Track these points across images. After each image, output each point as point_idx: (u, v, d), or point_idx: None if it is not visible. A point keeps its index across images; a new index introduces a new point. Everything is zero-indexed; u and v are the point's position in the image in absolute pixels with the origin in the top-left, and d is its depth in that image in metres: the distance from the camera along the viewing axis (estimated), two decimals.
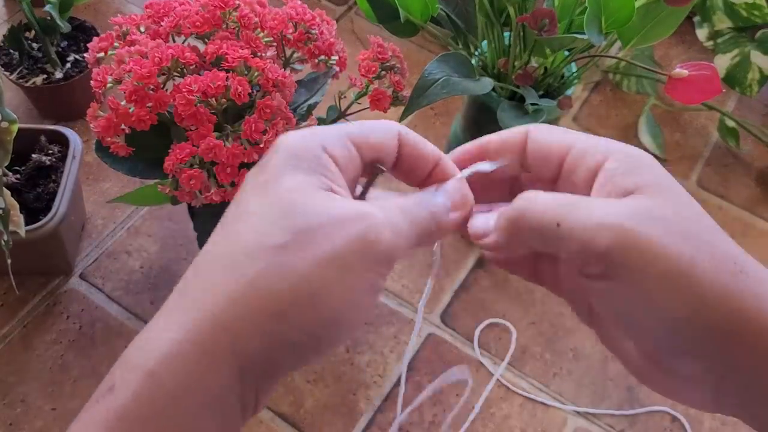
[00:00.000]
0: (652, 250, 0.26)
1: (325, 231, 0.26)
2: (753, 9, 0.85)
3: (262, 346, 0.26)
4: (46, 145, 0.73)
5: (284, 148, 0.29)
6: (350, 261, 0.26)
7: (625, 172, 0.29)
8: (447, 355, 0.72)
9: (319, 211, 0.27)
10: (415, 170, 0.32)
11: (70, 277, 0.75)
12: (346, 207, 0.27)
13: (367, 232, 0.26)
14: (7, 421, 0.65)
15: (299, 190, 0.27)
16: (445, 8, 0.63)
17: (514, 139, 0.33)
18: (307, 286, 0.26)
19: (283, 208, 0.27)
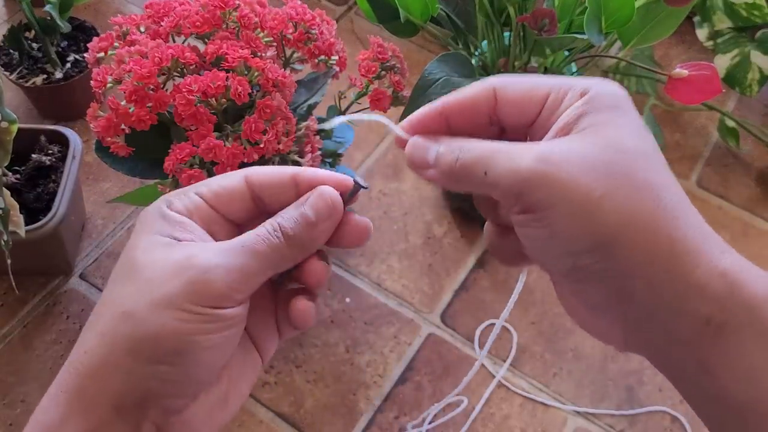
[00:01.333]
0: (561, 187, 0.28)
1: (161, 280, 0.30)
2: (753, 9, 0.85)
3: (127, 383, 0.30)
4: (46, 145, 0.73)
5: (138, 220, 0.33)
6: (181, 302, 0.30)
7: (582, 113, 0.30)
8: (447, 355, 0.72)
9: (156, 263, 0.31)
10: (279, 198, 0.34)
11: (70, 277, 0.75)
12: (179, 256, 0.30)
13: (196, 277, 0.30)
14: (7, 421, 0.65)
15: (142, 249, 0.31)
16: (445, 8, 0.63)
17: (479, 100, 0.33)
18: (146, 328, 0.30)
19: (128, 269, 0.31)
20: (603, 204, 0.28)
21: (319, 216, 0.33)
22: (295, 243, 0.32)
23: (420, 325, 0.74)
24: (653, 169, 0.29)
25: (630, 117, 0.31)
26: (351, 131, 0.65)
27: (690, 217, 0.29)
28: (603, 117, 0.30)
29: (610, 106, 0.30)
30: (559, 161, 0.29)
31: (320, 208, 0.33)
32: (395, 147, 0.89)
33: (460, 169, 0.31)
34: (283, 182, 0.33)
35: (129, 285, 0.31)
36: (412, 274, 0.78)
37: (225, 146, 0.51)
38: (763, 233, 0.85)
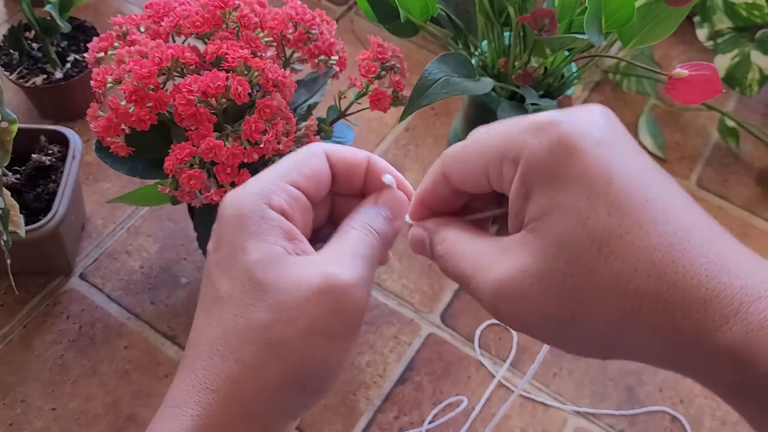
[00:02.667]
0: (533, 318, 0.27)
1: (301, 306, 0.29)
2: (753, 9, 0.85)
3: (274, 414, 0.30)
4: (46, 145, 0.73)
5: (228, 215, 0.31)
6: (331, 330, 0.29)
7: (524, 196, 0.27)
8: (447, 355, 0.72)
9: (290, 285, 0.29)
10: (351, 180, 0.34)
11: (70, 277, 0.75)
12: (311, 275, 0.29)
13: (340, 303, 0.29)
14: (7, 421, 0.65)
15: (259, 265, 0.29)
16: (445, 8, 0.63)
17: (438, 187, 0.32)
18: (297, 359, 0.29)
19: (253, 286, 0.29)
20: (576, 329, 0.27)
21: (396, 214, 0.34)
22: (386, 242, 0.33)
23: (420, 325, 0.74)
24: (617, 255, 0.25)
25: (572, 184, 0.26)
26: (351, 131, 0.65)
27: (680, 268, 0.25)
28: (543, 200, 0.26)
29: (547, 178, 0.26)
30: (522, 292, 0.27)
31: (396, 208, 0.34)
32: (395, 147, 0.89)
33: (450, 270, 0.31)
34: (359, 165, 0.34)
35: (262, 309, 0.29)
36: (412, 274, 0.78)
37: (225, 146, 0.51)
38: (763, 233, 0.85)
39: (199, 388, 0.29)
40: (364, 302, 0.30)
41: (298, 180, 0.32)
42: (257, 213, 0.30)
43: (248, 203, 0.30)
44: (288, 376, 0.29)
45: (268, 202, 0.31)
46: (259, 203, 0.30)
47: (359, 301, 0.30)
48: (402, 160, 0.86)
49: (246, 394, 0.29)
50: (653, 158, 0.29)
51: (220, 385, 0.29)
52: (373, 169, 0.34)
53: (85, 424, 0.66)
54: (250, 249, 0.30)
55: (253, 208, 0.30)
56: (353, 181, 0.34)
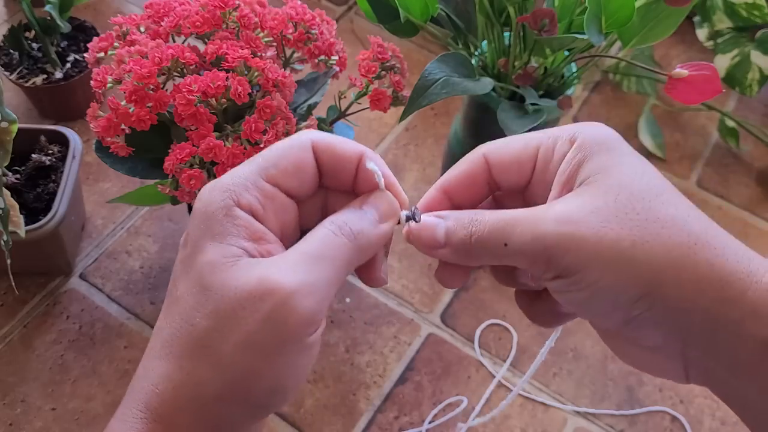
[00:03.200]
0: (590, 245, 0.28)
1: (237, 314, 0.27)
2: (753, 9, 0.85)
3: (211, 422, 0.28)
4: (46, 145, 0.73)
5: (198, 212, 0.29)
6: (265, 342, 0.27)
7: (579, 161, 0.30)
8: (447, 355, 0.72)
9: (229, 291, 0.27)
10: (339, 175, 0.32)
11: (70, 277, 0.75)
12: (251, 281, 0.27)
13: (275, 313, 0.27)
14: (7, 421, 0.65)
15: (209, 267, 0.28)
16: (445, 8, 0.63)
17: (474, 170, 0.33)
18: (234, 373, 0.27)
19: (199, 290, 0.28)
20: (636, 252, 0.27)
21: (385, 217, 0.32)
22: (365, 247, 0.30)
23: (420, 325, 0.74)
24: (672, 203, 0.29)
25: (627, 155, 0.30)
26: (351, 131, 0.65)
27: (723, 240, 0.29)
28: (601, 162, 0.29)
29: (603, 148, 0.30)
30: (580, 219, 0.28)
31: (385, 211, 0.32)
32: (395, 147, 0.89)
33: (476, 243, 0.30)
34: (348, 160, 0.32)
35: (203, 316, 0.28)
36: (412, 274, 0.78)
37: (225, 146, 0.51)
38: (763, 233, 0.85)
39: (147, 390, 0.29)
40: (308, 312, 0.27)
41: (275, 176, 0.30)
42: (222, 211, 0.29)
43: (216, 200, 0.29)
44: (226, 389, 0.27)
45: (237, 201, 0.29)
46: (227, 200, 0.29)
47: (300, 310, 0.27)
48: (402, 160, 0.87)
49: (186, 403, 0.28)
50: (653, 158, 0.32)
51: (164, 389, 0.28)
52: (363, 171, 0.32)
53: (85, 424, 0.66)
54: (208, 249, 0.28)
55: (220, 205, 0.29)
56: (341, 177, 0.32)
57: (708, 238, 0.28)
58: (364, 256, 0.31)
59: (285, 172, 0.30)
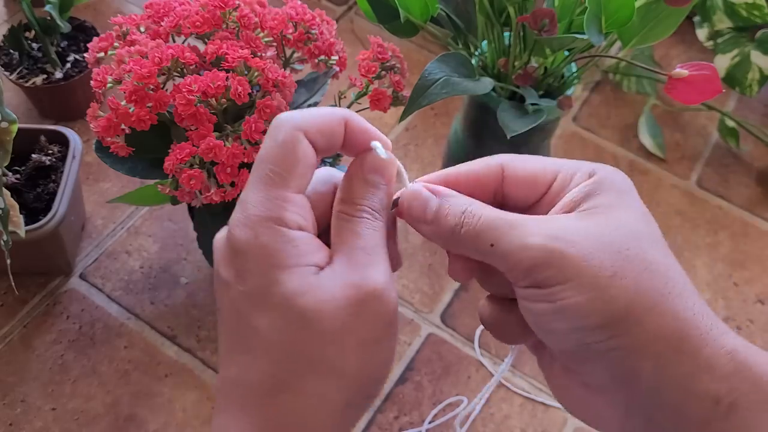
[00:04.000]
0: (573, 264, 0.28)
1: (344, 325, 0.28)
2: (753, 9, 0.85)
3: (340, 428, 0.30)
4: (46, 145, 0.73)
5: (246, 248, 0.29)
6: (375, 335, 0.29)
7: (590, 192, 0.31)
8: (447, 355, 0.72)
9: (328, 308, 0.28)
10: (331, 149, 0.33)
11: (70, 277, 0.75)
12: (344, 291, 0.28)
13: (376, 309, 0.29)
14: (7, 421, 0.65)
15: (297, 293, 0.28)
16: (445, 8, 0.63)
17: (487, 176, 0.33)
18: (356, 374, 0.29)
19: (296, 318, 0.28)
20: (614, 282, 0.28)
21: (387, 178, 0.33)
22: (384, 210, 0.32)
23: (420, 325, 0.74)
24: (660, 252, 0.30)
25: (636, 202, 0.31)
26: None
27: (694, 299, 0.29)
28: (611, 199, 0.30)
29: (617, 189, 0.31)
30: (573, 240, 0.29)
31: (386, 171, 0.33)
32: (395, 147, 0.89)
33: (464, 235, 0.31)
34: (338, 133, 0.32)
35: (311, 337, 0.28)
36: (412, 274, 0.78)
37: (225, 146, 0.51)
38: (763, 233, 0.85)
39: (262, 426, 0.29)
40: (394, 297, 0.30)
41: (298, 184, 0.30)
42: (279, 238, 0.28)
43: (264, 230, 0.28)
44: (352, 392, 0.29)
45: (284, 223, 0.29)
46: (277, 228, 0.29)
47: (391, 299, 0.30)
48: (402, 160, 0.86)
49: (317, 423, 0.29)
50: (653, 158, 0.32)
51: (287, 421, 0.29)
52: (353, 129, 0.32)
53: (85, 424, 0.66)
54: (284, 279, 0.28)
55: (272, 234, 0.28)
56: (333, 148, 0.32)
57: (683, 292, 0.29)
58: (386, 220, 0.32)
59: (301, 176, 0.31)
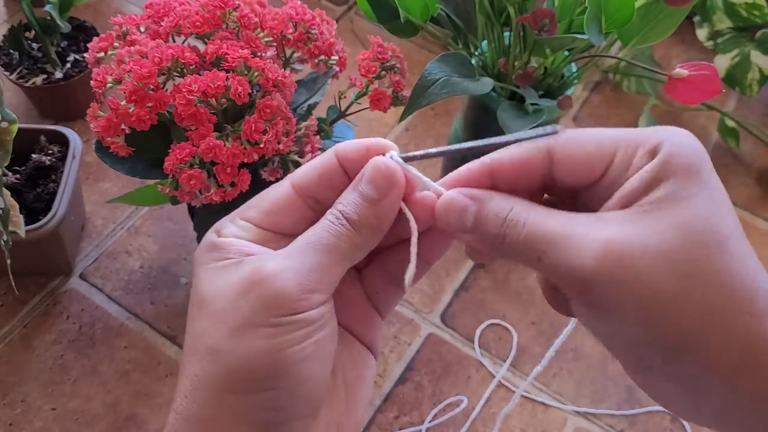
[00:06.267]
0: (630, 287, 0.25)
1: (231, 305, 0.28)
2: (753, 9, 0.85)
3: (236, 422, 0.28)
4: (46, 145, 0.73)
5: (194, 258, 0.31)
6: (257, 320, 0.27)
7: (654, 181, 0.27)
8: (447, 355, 0.72)
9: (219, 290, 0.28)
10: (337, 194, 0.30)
11: (70, 277, 0.75)
12: (241, 274, 0.28)
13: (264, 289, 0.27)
14: (7, 421, 0.65)
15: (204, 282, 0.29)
16: (445, 8, 0.63)
17: (533, 162, 0.29)
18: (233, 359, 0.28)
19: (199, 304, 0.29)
20: (675, 306, 0.25)
21: (381, 190, 0.29)
22: (363, 227, 0.29)
23: (420, 325, 0.74)
24: (734, 253, 0.26)
25: (706, 184, 0.27)
26: (351, 131, 0.65)
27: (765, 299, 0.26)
28: (680, 188, 0.26)
29: (688, 171, 0.27)
30: (630, 256, 0.25)
31: (379, 181, 0.29)
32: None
33: (507, 247, 0.28)
34: (330, 169, 0.30)
35: (203, 320, 0.29)
36: None
37: (225, 146, 0.51)
38: (763, 233, 0.85)
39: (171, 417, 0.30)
40: (296, 290, 0.27)
41: (249, 215, 0.31)
42: (208, 243, 0.30)
43: (203, 241, 0.31)
44: (229, 377, 0.28)
45: (218, 234, 0.31)
46: (209, 236, 0.31)
47: (287, 289, 0.27)
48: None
49: (198, 409, 0.28)
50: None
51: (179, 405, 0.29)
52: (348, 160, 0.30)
53: (85, 424, 0.66)
54: (200, 274, 0.30)
55: (204, 241, 0.31)
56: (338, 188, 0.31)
57: (755, 299, 0.25)
58: (373, 235, 0.30)
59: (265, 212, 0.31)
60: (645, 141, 0.27)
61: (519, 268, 0.78)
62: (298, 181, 0.30)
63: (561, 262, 0.26)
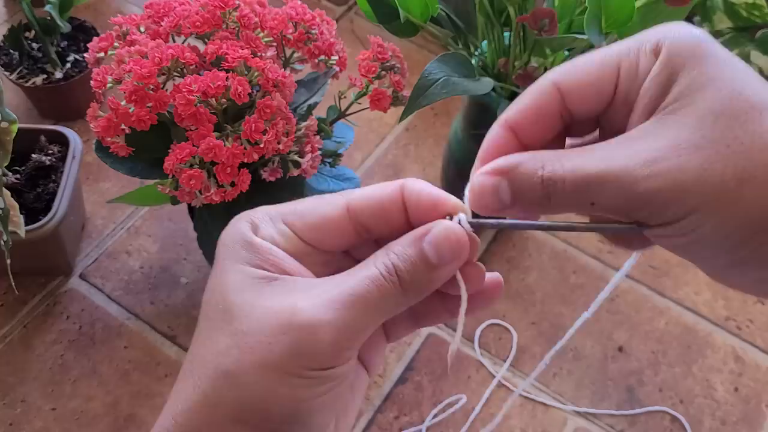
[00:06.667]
0: (691, 191, 0.24)
1: (263, 336, 0.26)
2: (753, 9, 0.85)
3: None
4: (46, 145, 0.73)
5: (222, 239, 0.29)
6: (289, 366, 0.26)
7: (667, 80, 0.26)
8: (447, 355, 0.72)
9: (252, 310, 0.26)
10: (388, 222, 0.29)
11: (70, 277, 0.75)
12: (280, 308, 0.26)
13: (302, 339, 0.26)
14: (7, 421, 0.65)
15: (233, 287, 0.27)
16: (445, 8, 0.63)
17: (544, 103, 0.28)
18: (252, 394, 0.26)
19: (224, 309, 0.27)
20: (742, 192, 0.24)
21: (443, 259, 0.27)
22: (411, 288, 0.27)
23: None
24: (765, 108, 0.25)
25: (722, 63, 0.26)
26: (351, 131, 0.65)
27: None
28: (693, 78, 0.25)
29: (694, 59, 0.26)
30: (677, 166, 0.24)
31: (445, 250, 0.27)
32: (395, 147, 0.89)
33: (555, 203, 0.27)
34: (392, 203, 0.29)
35: (227, 336, 0.27)
36: None
37: (225, 146, 0.51)
38: None
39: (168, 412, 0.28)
40: (333, 349, 0.26)
41: (293, 222, 0.29)
42: (241, 237, 0.28)
43: (235, 229, 0.29)
44: (243, 408, 0.26)
45: (255, 230, 0.28)
46: (243, 229, 0.28)
47: (324, 347, 0.26)
48: (402, 160, 0.86)
49: (201, 425, 0.27)
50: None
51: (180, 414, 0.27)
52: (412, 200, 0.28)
53: (85, 424, 0.66)
54: (228, 271, 0.28)
55: (237, 232, 0.28)
56: (391, 223, 0.29)
57: None
58: (417, 297, 0.28)
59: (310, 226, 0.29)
60: (644, 44, 0.27)
61: (519, 268, 0.78)
62: (355, 205, 0.29)
63: (617, 199, 0.25)
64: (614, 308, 0.76)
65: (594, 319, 0.74)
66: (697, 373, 0.73)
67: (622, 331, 0.75)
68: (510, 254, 0.78)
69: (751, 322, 0.77)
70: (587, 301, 0.75)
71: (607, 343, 0.74)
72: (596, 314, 0.35)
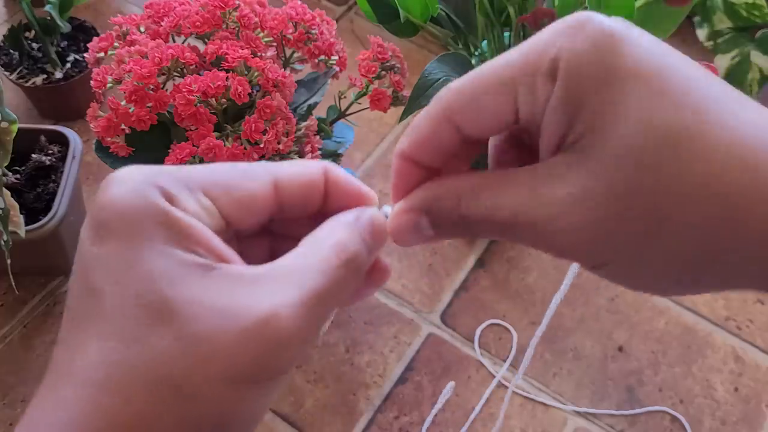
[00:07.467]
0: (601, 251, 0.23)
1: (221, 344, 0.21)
2: (753, 9, 0.85)
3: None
4: (46, 145, 0.73)
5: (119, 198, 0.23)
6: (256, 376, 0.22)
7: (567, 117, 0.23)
8: (447, 355, 0.72)
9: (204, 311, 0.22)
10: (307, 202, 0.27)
11: (69, 277, 0.75)
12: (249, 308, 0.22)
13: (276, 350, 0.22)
14: (7, 422, 0.65)
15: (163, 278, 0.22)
16: (445, 8, 0.63)
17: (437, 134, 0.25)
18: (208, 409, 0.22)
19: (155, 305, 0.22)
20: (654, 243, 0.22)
21: (377, 246, 0.26)
22: (358, 275, 0.25)
23: (420, 325, 0.74)
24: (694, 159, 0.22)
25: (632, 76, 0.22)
26: (351, 131, 0.65)
27: None
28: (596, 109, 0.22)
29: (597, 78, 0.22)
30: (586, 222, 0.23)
31: (379, 237, 0.26)
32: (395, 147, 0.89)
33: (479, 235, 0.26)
34: (316, 185, 0.27)
35: (162, 337, 0.21)
36: (412, 274, 0.78)
37: (225, 146, 0.51)
38: None
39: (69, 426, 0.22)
40: (297, 354, 0.23)
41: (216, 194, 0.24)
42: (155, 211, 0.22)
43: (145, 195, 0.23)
44: (191, 423, 0.22)
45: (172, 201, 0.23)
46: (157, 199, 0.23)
47: (291, 353, 0.23)
48: None
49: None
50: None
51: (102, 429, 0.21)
52: (336, 183, 0.27)
53: None
54: (149, 250, 0.22)
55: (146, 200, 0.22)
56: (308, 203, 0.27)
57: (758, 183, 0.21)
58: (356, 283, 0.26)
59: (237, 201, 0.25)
60: (540, 62, 0.23)
61: (519, 268, 0.78)
62: (284, 184, 0.26)
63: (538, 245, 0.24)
64: (614, 308, 0.76)
65: (594, 319, 0.74)
66: (697, 373, 0.73)
67: (622, 330, 0.75)
68: (510, 254, 0.78)
69: (751, 322, 0.77)
70: (587, 301, 0.75)
71: (607, 342, 0.74)
72: (596, 314, 0.35)
